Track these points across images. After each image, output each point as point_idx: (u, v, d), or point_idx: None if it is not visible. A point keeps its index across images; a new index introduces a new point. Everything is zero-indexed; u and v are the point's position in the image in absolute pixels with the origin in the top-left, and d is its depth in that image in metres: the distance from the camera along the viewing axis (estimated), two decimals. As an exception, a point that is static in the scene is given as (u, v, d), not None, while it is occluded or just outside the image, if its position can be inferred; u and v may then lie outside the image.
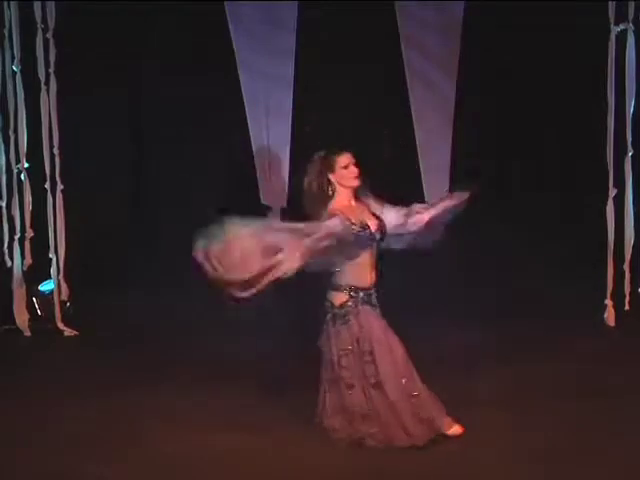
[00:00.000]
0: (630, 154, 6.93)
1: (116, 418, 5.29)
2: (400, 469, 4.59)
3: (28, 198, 7.28)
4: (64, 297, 7.43)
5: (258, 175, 9.10)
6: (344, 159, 4.92)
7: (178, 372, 6.10)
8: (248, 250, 4.68)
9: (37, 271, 7.40)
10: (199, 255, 4.76)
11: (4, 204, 7.40)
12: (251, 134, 9.00)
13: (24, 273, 7.29)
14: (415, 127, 8.75)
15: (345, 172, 4.92)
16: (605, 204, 6.95)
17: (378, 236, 4.92)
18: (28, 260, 7.32)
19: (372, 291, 5.04)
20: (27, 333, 7.22)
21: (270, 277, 4.71)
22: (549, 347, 6.46)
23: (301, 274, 4.75)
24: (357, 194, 5.00)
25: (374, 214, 4.98)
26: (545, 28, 8.29)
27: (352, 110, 8.91)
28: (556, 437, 4.90)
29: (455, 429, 4.93)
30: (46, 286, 7.42)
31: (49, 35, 7.06)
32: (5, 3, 7.12)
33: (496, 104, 8.71)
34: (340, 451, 4.79)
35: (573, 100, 8.63)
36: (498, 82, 8.63)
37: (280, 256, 4.67)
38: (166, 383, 5.86)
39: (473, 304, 7.52)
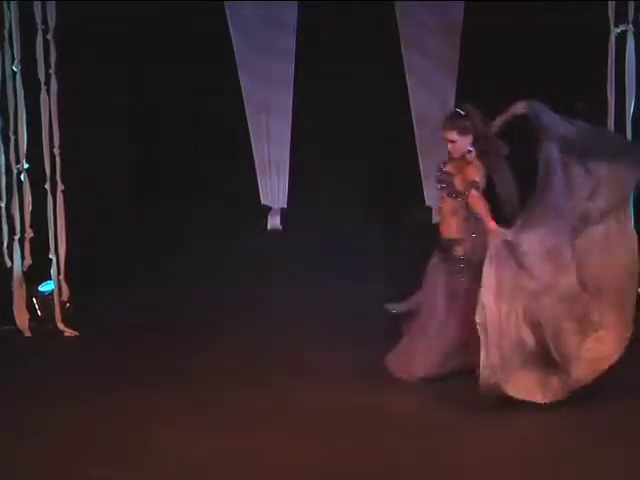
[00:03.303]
0: (630, 154, 6.93)
1: (116, 419, 5.29)
2: (395, 468, 4.60)
3: (28, 198, 7.27)
4: (64, 297, 7.42)
5: (258, 175, 9.10)
6: (443, 134, 5.71)
7: (178, 372, 6.10)
8: None
9: (37, 271, 7.39)
10: None
11: (4, 204, 7.40)
12: (251, 134, 9.00)
13: (24, 273, 7.29)
14: (415, 127, 8.75)
15: None
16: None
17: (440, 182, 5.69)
18: (28, 260, 7.32)
19: (448, 243, 5.63)
20: (27, 333, 7.21)
21: None
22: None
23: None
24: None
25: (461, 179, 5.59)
26: (545, 28, 8.29)
27: (352, 110, 8.91)
28: (556, 437, 4.91)
29: None
30: (46, 286, 7.41)
31: (49, 36, 7.06)
32: (5, 3, 7.11)
33: (496, 104, 8.69)
34: (334, 451, 4.80)
35: (573, 100, 8.62)
36: (498, 82, 8.62)
37: None
38: (166, 383, 5.86)
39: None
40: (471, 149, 5.66)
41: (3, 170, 7.39)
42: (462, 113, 5.69)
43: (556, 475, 4.50)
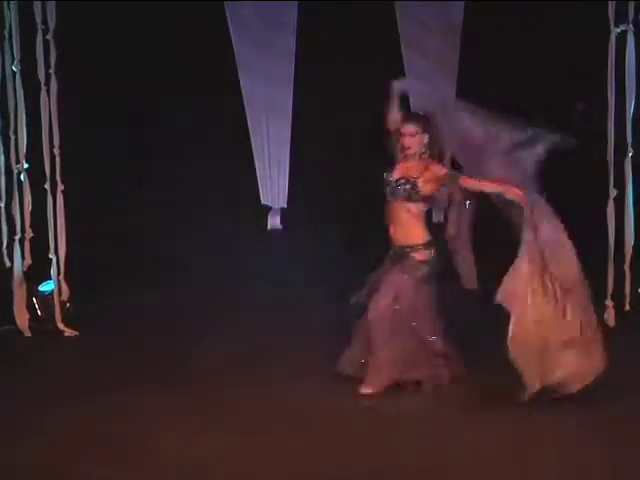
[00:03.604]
0: (630, 154, 6.95)
1: (116, 419, 5.29)
2: (395, 468, 4.60)
3: (28, 198, 7.28)
4: (64, 297, 7.42)
5: (258, 175, 9.11)
6: (403, 128, 5.59)
7: (178, 372, 6.10)
8: None
9: (37, 271, 7.40)
10: None
11: (4, 204, 7.41)
12: (251, 134, 9.00)
13: (24, 273, 7.29)
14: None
15: (400, 139, 5.59)
16: (605, 205, 6.96)
17: (397, 191, 5.57)
18: (28, 260, 7.32)
19: (405, 250, 5.57)
20: (27, 333, 7.22)
21: None
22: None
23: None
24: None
25: (427, 179, 5.50)
26: (545, 28, 8.30)
27: (352, 110, 8.91)
28: (556, 437, 4.90)
29: None
30: (46, 286, 7.42)
31: (49, 36, 7.06)
32: (5, 3, 7.11)
33: (496, 104, 8.69)
34: (334, 451, 4.80)
35: (573, 100, 8.64)
36: (498, 82, 8.63)
37: None
38: (166, 383, 5.86)
39: (473, 305, 7.52)
40: (424, 150, 5.62)
41: (3, 170, 7.40)
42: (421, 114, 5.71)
43: (556, 476, 4.51)
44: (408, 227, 5.62)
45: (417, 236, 5.62)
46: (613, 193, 6.94)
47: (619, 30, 6.80)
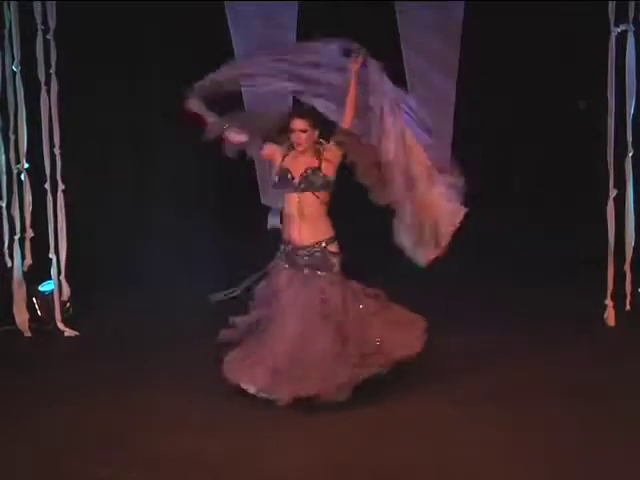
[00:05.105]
0: (630, 154, 6.95)
1: (116, 419, 5.29)
2: (396, 468, 4.60)
3: (28, 198, 7.28)
4: (64, 297, 7.42)
5: (258, 175, 9.09)
6: (293, 123, 5.45)
7: (178, 373, 6.10)
8: None
9: (37, 271, 7.40)
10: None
11: (4, 204, 7.40)
12: (251, 134, 8.98)
13: (24, 273, 7.29)
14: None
15: (291, 135, 5.47)
16: (606, 204, 6.96)
17: (296, 184, 5.44)
18: (28, 260, 7.32)
19: (298, 249, 5.40)
20: (27, 333, 7.22)
21: None
22: (549, 347, 6.46)
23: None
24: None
25: (317, 169, 5.43)
26: (545, 28, 8.31)
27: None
28: (556, 438, 4.91)
29: None
30: (46, 286, 7.42)
31: (49, 36, 7.06)
32: (5, 3, 7.12)
33: (496, 104, 8.70)
34: (334, 451, 4.80)
35: (573, 100, 8.64)
36: (498, 82, 8.63)
37: None
38: (166, 383, 5.86)
39: (472, 304, 7.53)
40: (322, 141, 5.53)
41: (3, 170, 7.39)
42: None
43: (556, 475, 4.51)
44: (319, 220, 5.48)
45: (328, 228, 5.51)
46: (613, 193, 6.95)
47: (619, 30, 6.80)
